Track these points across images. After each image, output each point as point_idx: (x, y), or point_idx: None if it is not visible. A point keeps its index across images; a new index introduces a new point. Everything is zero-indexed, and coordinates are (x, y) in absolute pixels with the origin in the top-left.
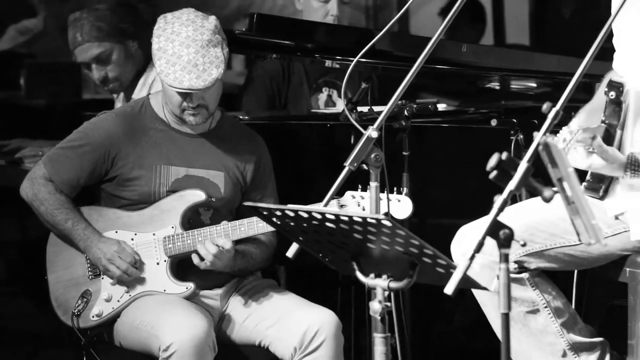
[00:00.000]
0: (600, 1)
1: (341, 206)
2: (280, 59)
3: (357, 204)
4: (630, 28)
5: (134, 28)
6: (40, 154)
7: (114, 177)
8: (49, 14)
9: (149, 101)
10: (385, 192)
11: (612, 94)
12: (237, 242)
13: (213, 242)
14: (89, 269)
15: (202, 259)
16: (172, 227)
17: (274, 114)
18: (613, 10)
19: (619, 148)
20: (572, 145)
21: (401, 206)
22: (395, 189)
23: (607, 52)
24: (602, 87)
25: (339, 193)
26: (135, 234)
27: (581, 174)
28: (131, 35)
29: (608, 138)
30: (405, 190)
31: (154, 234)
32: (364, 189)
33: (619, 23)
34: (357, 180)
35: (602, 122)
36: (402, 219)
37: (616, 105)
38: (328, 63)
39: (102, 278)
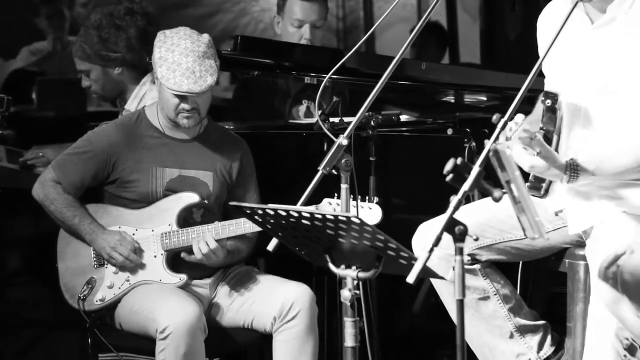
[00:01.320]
0: (534, 28)
1: (317, 207)
2: (264, 76)
3: (332, 210)
4: (556, 57)
5: (122, 55)
6: (40, 155)
7: (115, 179)
8: (56, 37)
9: (144, 112)
10: (356, 199)
11: (548, 102)
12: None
13: (205, 240)
14: (94, 259)
15: (192, 253)
16: (169, 225)
17: (256, 124)
18: (541, 42)
19: (559, 152)
20: (517, 135)
21: (372, 213)
22: (367, 197)
23: None
24: (540, 96)
25: (317, 200)
26: (136, 230)
27: (525, 175)
28: (115, 63)
29: (546, 142)
30: (376, 199)
31: (152, 230)
32: (339, 197)
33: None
34: (334, 190)
35: (540, 128)
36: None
37: (552, 112)
38: (307, 80)
39: (106, 267)
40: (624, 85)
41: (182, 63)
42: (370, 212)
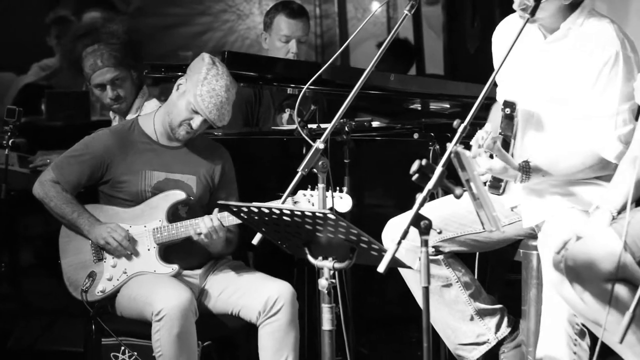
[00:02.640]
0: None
1: (295, 202)
2: (251, 87)
3: (307, 201)
4: (511, 68)
5: (137, 62)
6: (48, 161)
7: (108, 180)
8: (69, 52)
9: (137, 121)
10: (330, 190)
11: (507, 110)
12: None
13: (210, 217)
14: (94, 254)
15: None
16: (160, 221)
17: (242, 130)
18: (496, 55)
19: (513, 155)
20: (487, 143)
21: (343, 202)
22: (337, 188)
23: None
24: (499, 105)
25: (293, 192)
26: (130, 226)
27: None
28: (134, 68)
29: (505, 145)
30: (345, 189)
31: (145, 226)
32: (313, 189)
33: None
34: (308, 182)
35: (500, 133)
36: (344, 212)
37: (510, 119)
38: (289, 90)
39: (104, 261)
40: (572, 96)
41: (220, 96)
42: (342, 201)
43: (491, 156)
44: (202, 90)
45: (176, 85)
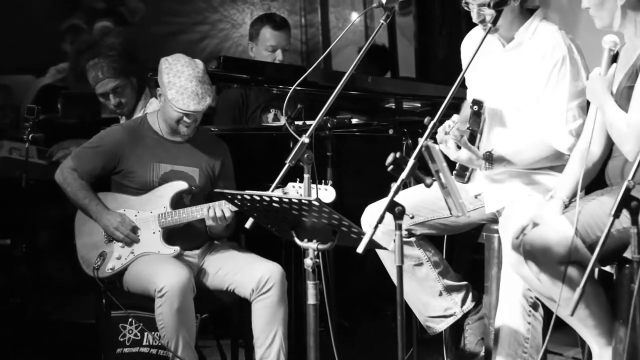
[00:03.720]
0: (457, 49)
1: (285, 193)
2: (240, 89)
3: (296, 192)
4: (477, 71)
5: (135, 69)
6: (68, 152)
7: (120, 170)
8: (77, 61)
9: (146, 118)
10: (315, 183)
11: (475, 107)
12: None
13: (221, 208)
14: (105, 236)
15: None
16: (164, 207)
17: (236, 126)
18: (464, 62)
19: (479, 147)
20: (452, 134)
21: (327, 194)
22: (322, 181)
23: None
24: (468, 103)
25: (284, 184)
26: (138, 212)
27: (452, 164)
28: (132, 74)
29: (472, 139)
30: (330, 182)
31: (151, 212)
32: (301, 182)
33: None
34: (295, 175)
35: (467, 128)
36: (328, 203)
37: (477, 116)
38: (275, 90)
39: (114, 242)
40: (528, 96)
41: (188, 87)
42: (326, 193)
43: (459, 147)
44: (172, 94)
45: (157, 95)
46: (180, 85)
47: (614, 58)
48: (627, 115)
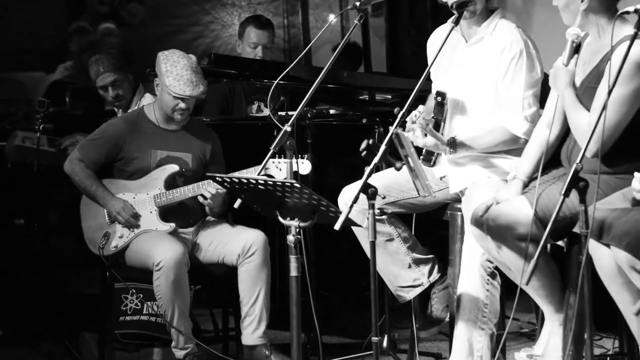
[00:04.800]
0: (424, 47)
1: (266, 169)
2: (227, 83)
3: (276, 167)
4: (442, 65)
5: (131, 66)
6: (75, 141)
7: (121, 158)
8: (81, 57)
9: (143, 110)
10: (295, 157)
11: (439, 98)
12: None
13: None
14: (108, 218)
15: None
16: (159, 189)
17: (225, 117)
18: (430, 57)
19: (443, 134)
20: (418, 123)
21: (304, 166)
22: (300, 155)
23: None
24: (432, 95)
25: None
26: (136, 195)
27: (419, 150)
28: (129, 71)
29: (437, 127)
30: (307, 156)
31: (147, 194)
32: (280, 157)
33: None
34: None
35: (432, 117)
36: (306, 174)
37: (441, 106)
38: (257, 84)
39: (116, 224)
40: (488, 87)
41: (184, 75)
42: (303, 165)
43: (426, 134)
44: (169, 81)
45: (155, 86)
46: (177, 73)
47: (576, 49)
48: (589, 114)
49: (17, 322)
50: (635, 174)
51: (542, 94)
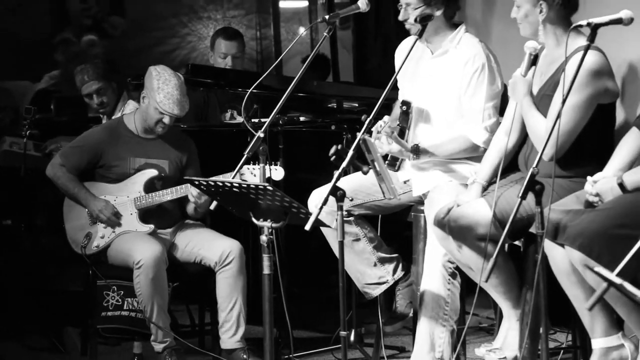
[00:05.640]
0: (392, 56)
1: (241, 174)
2: (203, 92)
3: (250, 173)
4: (408, 75)
5: (115, 75)
6: (59, 145)
7: (102, 165)
8: (66, 67)
9: (122, 119)
10: (268, 163)
11: (404, 107)
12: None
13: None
14: (90, 219)
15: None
16: (139, 192)
17: (201, 124)
18: (396, 63)
19: (408, 141)
20: (384, 132)
21: (277, 172)
22: (273, 162)
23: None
24: (398, 103)
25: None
26: (116, 197)
27: (385, 155)
28: (114, 79)
29: (402, 134)
30: (279, 163)
31: (128, 197)
32: (254, 164)
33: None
34: (250, 160)
35: (398, 124)
36: (279, 180)
37: (406, 115)
38: (231, 91)
39: (98, 224)
40: (451, 98)
41: (174, 94)
42: (276, 172)
43: (391, 141)
44: (160, 97)
45: (141, 98)
46: (168, 92)
47: (534, 61)
48: (545, 120)
49: (5, 318)
50: (588, 177)
51: (502, 104)
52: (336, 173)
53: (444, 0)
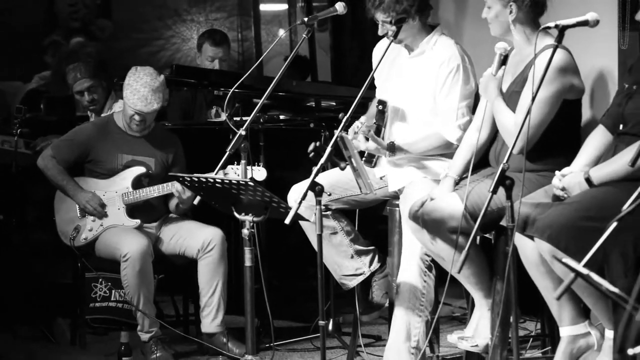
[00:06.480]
0: (368, 57)
1: (225, 174)
2: (188, 91)
3: (234, 173)
4: (385, 75)
5: (105, 74)
6: (48, 143)
7: (90, 159)
8: (56, 68)
9: (112, 117)
10: (250, 165)
11: (380, 106)
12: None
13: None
14: (79, 213)
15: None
16: (127, 188)
17: (186, 122)
18: (374, 63)
19: (384, 138)
20: (361, 131)
21: (260, 173)
22: (256, 163)
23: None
24: (374, 102)
25: (224, 167)
26: (105, 192)
27: (362, 152)
28: (103, 78)
29: (378, 132)
30: (261, 164)
31: (116, 192)
32: (238, 164)
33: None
34: (234, 159)
35: (374, 123)
36: (261, 181)
37: (382, 113)
38: (215, 92)
39: (87, 217)
40: (426, 97)
41: (140, 91)
42: (259, 172)
43: (367, 139)
44: (127, 94)
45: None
46: (135, 88)
47: (504, 61)
48: (515, 115)
49: (2, 310)
50: (556, 172)
51: (474, 103)
52: (314, 169)
53: (417, 11)
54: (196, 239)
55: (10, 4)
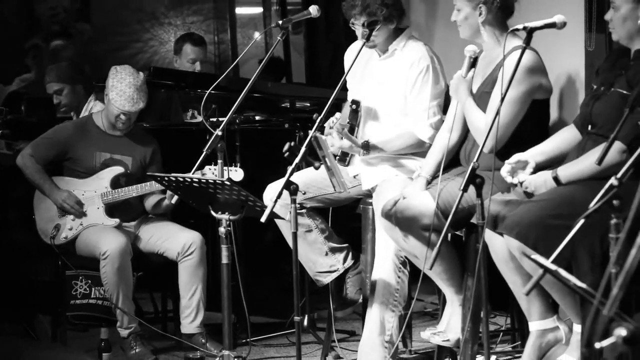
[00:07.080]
0: (342, 59)
1: (203, 174)
2: (165, 92)
3: (212, 173)
4: (358, 76)
5: (81, 77)
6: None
7: (69, 158)
8: (38, 71)
9: (91, 116)
10: (227, 165)
11: (354, 106)
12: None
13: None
14: (58, 212)
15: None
16: (106, 187)
17: (163, 123)
18: (346, 65)
19: (357, 137)
20: (335, 127)
21: (237, 174)
22: (233, 163)
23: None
24: (348, 103)
25: (201, 167)
26: (85, 192)
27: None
28: (78, 81)
29: (352, 131)
30: (238, 165)
31: (95, 191)
32: (216, 165)
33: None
34: (211, 160)
35: (348, 122)
36: (238, 181)
37: (355, 113)
38: (192, 93)
39: (67, 216)
40: (398, 97)
41: (126, 92)
42: (236, 173)
43: (341, 138)
44: (113, 95)
45: (105, 95)
46: (121, 89)
47: (473, 63)
48: (485, 115)
49: None
50: (506, 162)
51: (445, 102)
52: (289, 168)
53: (392, 17)
54: (176, 242)
55: None
